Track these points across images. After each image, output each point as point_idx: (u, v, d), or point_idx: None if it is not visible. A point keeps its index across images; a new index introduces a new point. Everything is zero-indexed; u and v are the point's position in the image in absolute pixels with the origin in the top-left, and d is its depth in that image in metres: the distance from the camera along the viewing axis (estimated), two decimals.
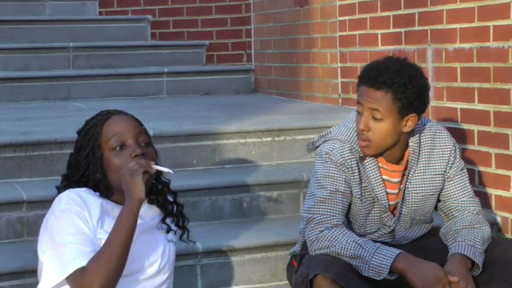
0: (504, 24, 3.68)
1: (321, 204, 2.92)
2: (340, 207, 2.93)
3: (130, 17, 6.84)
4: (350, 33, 5.04)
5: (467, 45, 3.92)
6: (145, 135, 2.72)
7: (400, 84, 2.84)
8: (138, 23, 6.74)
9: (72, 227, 2.51)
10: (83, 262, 2.46)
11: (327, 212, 2.91)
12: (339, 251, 2.82)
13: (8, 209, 3.52)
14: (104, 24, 6.67)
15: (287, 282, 3.20)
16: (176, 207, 2.81)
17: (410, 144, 3.01)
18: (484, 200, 3.81)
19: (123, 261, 2.50)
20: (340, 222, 2.90)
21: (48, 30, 6.44)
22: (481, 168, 3.86)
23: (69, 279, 2.47)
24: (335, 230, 2.86)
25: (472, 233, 2.97)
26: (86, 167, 2.66)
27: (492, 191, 3.82)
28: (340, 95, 5.23)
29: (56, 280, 2.49)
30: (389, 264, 2.75)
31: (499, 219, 3.78)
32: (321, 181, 2.95)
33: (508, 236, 3.72)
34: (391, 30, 4.58)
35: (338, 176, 2.95)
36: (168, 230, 2.76)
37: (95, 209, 2.58)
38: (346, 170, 2.95)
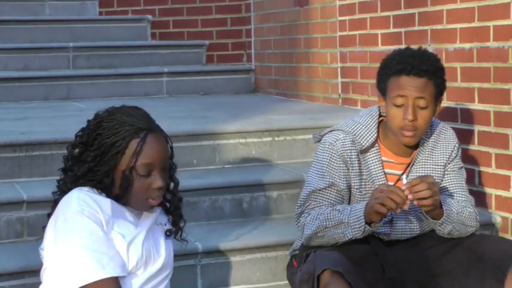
0: (504, 24, 3.68)
1: (314, 194, 2.97)
2: (333, 197, 2.98)
3: (130, 17, 6.83)
4: (350, 33, 5.04)
5: (467, 45, 3.92)
6: (168, 157, 2.63)
7: (437, 69, 2.94)
8: (138, 23, 6.74)
9: (87, 231, 2.44)
10: (109, 272, 2.42)
11: (318, 199, 2.97)
12: (324, 223, 2.86)
13: (8, 209, 3.51)
14: (103, 24, 6.67)
15: (287, 282, 3.20)
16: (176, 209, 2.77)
17: None
18: (484, 200, 3.81)
19: None
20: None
21: (48, 30, 6.44)
22: (481, 168, 3.86)
23: (90, 286, 2.42)
24: (319, 208, 2.94)
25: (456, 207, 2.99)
26: (105, 174, 2.55)
27: (492, 191, 3.82)
28: (340, 94, 5.23)
29: (72, 287, 2.43)
30: (362, 215, 2.79)
31: (499, 219, 3.78)
32: (319, 172, 2.99)
33: (508, 236, 3.72)
34: (391, 30, 4.58)
35: (336, 167, 2.98)
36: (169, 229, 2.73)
37: (107, 210, 2.50)
38: (345, 161, 2.98)
